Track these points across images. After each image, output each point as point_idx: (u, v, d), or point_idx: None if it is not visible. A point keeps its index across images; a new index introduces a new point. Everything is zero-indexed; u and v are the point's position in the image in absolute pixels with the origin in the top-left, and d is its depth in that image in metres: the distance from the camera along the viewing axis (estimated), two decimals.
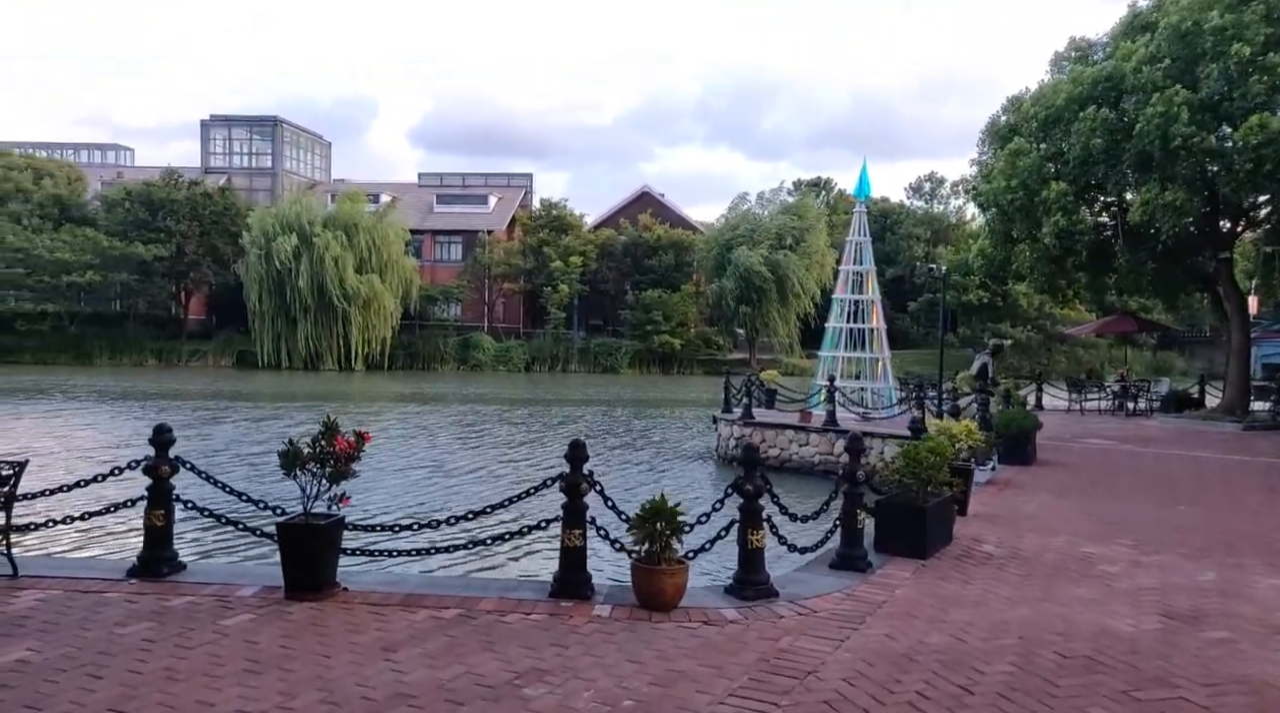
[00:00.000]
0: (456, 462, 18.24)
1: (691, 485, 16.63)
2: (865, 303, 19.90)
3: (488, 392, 38.29)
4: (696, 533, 6.23)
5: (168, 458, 6.20)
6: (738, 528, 6.22)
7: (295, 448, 5.74)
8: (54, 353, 50.03)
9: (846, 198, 72.96)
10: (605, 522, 6.34)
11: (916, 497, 7.40)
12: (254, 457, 17.62)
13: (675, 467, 18.76)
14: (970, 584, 6.56)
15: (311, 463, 5.78)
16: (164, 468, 6.14)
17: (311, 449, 5.77)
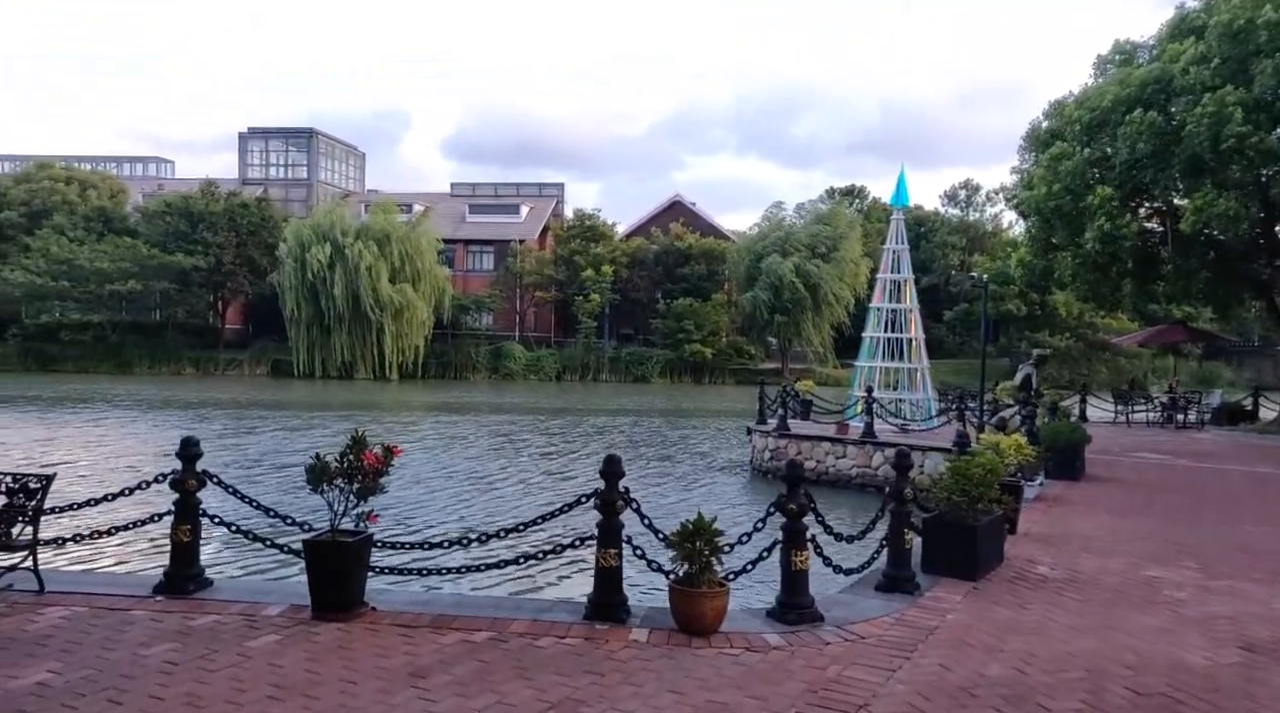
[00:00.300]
0: (493, 473, 18.08)
1: (725, 499, 16.33)
2: (903, 312, 19.47)
3: (521, 401, 38.21)
4: (736, 553, 5.97)
5: (195, 472, 6.06)
6: (780, 549, 5.94)
7: (322, 463, 5.56)
8: (95, 362, 50.81)
9: (880, 206, 72.25)
10: (641, 540, 6.10)
11: (966, 515, 7.07)
12: (292, 467, 17.58)
13: (708, 479, 18.46)
14: (1027, 609, 6.22)
15: (339, 478, 5.60)
16: (191, 482, 6.00)
17: (339, 464, 5.59)
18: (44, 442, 20.84)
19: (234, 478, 16.20)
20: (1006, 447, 8.64)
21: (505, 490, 16.06)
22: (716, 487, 17.52)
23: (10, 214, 53.69)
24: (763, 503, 16.56)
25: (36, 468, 16.69)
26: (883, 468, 17.15)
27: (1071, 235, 19.04)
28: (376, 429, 25.82)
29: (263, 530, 6.67)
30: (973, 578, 6.92)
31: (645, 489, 16.77)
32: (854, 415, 18.58)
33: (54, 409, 28.62)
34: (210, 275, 52.51)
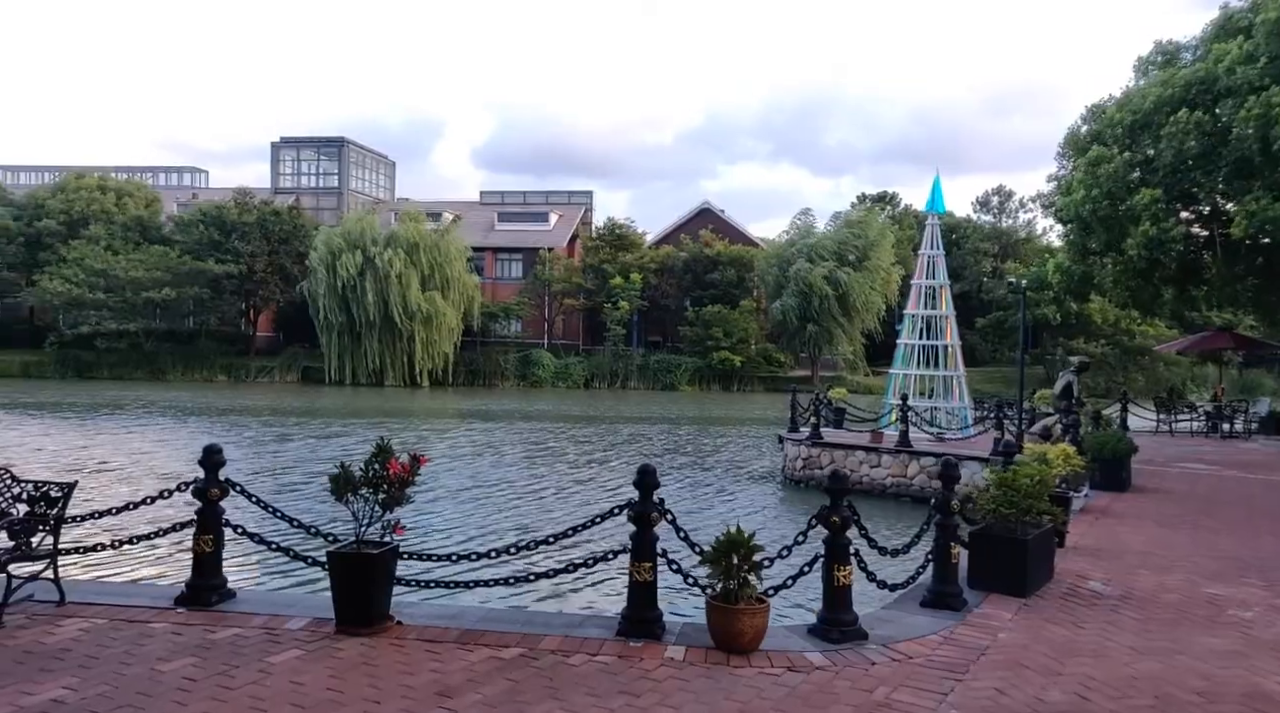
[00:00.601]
0: (526, 481, 17.89)
1: (757, 509, 16.03)
2: (939, 318, 19.11)
3: (551, 409, 38.10)
4: (776, 567, 5.71)
5: (218, 480, 5.90)
6: (822, 563, 5.67)
7: (347, 472, 5.39)
8: (130, 369, 51.47)
9: (913, 212, 71.54)
10: (677, 553, 5.86)
11: (1015, 528, 6.75)
12: (324, 475, 17.55)
13: (739, 488, 18.16)
14: (1083, 629, 5.90)
15: (364, 488, 5.42)
16: (213, 491, 5.84)
17: (364, 473, 5.41)
18: (81, 448, 20.99)
19: (266, 485, 16.42)
20: (1054, 457, 8.30)
21: (539, 500, 15.85)
22: (748, 496, 17.22)
23: (49, 223, 54.64)
24: (796, 513, 16.35)
25: (74, 475, 16.84)
26: (918, 477, 16.79)
27: (1112, 241, 18.53)
28: (409, 437, 25.86)
29: (287, 541, 6.51)
30: (1022, 594, 6.60)
31: (675, 498, 16.52)
32: (888, 424, 18.21)
33: (92, 416, 28.90)
34: (242, 283, 53.09)
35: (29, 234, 54.88)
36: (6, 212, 55.78)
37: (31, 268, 53.24)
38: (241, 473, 17.93)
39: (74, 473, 17.21)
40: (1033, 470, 6.97)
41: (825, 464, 18.14)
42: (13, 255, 54.67)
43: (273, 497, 14.97)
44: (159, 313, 52.67)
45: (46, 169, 72.51)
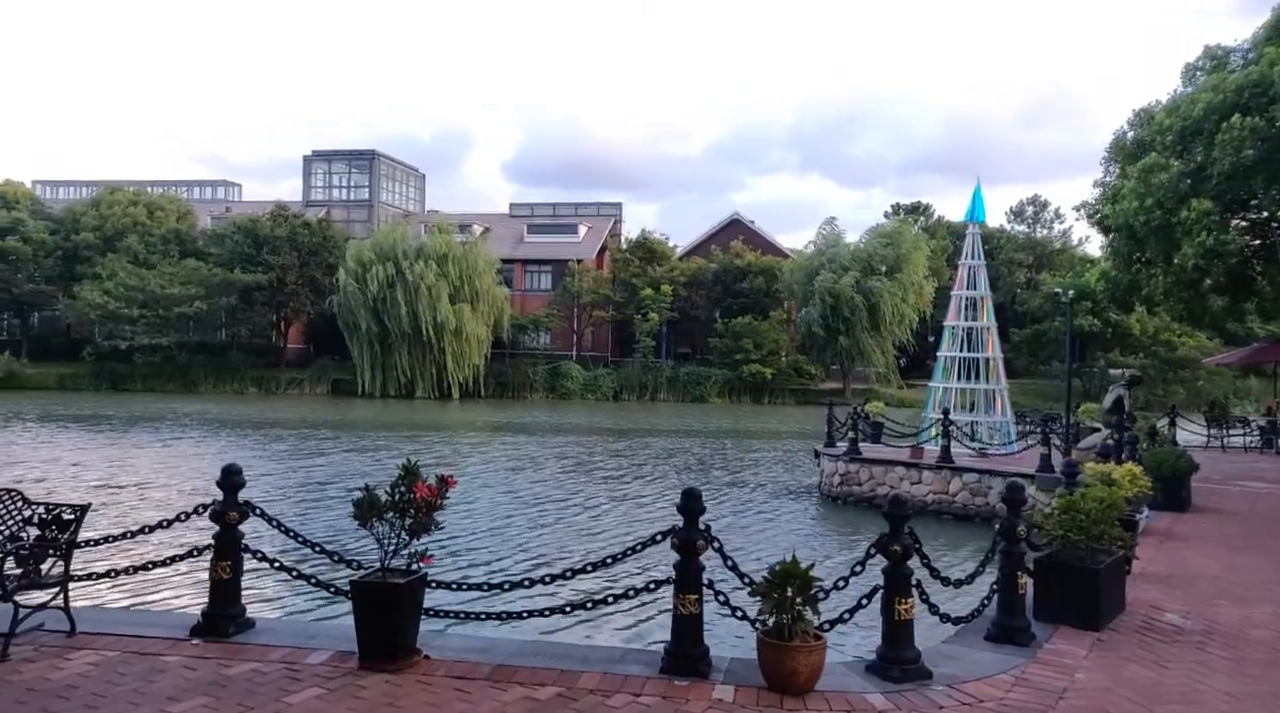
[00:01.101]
0: (564, 498, 17.48)
1: (794, 528, 15.53)
2: (979, 330, 18.55)
3: (583, 421, 37.80)
4: (831, 599, 5.29)
5: (237, 503, 5.59)
6: (882, 595, 5.24)
7: (371, 496, 5.04)
8: (163, 381, 51.89)
9: (945, 224, 70.62)
10: (723, 581, 5.46)
11: (1085, 555, 6.27)
12: (359, 492, 17.23)
13: (774, 505, 17.66)
14: (1168, 670, 5.41)
15: (390, 512, 5.07)
16: (231, 514, 5.53)
17: (390, 496, 5.07)
18: (116, 463, 20.95)
19: (299, 502, 16.15)
20: (1120, 477, 7.78)
21: (576, 518, 15.40)
22: (784, 513, 16.72)
23: (86, 237, 55.38)
24: (836, 532, 15.84)
25: (107, 491, 16.73)
26: (960, 495, 16.23)
27: (1164, 251, 17.87)
28: (444, 451, 25.63)
29: (310, 566, 6.17)
30: (1095, 628, 6.11)
31: (710, 516, 16.10)
32: (929, 439, 17.66)
33: (128, 430, 28.97)
34: (273, 295, 53.42)
35: (66, 248, 55.66)
36: (44, 226, 56.59)
37: (69, 281, 53.96)
38: (275, 488, 17.77)
39: (107, 490, 17.13)
40: (1101, 493, 6.48)
41: (864, 480, 17.64)
42: (50, 269, 55.46)
43: (305, 514, 14.75)
44: (191, 326, 53.14)
45: (85, 184, 73.65)
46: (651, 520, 15.10)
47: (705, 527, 5.26)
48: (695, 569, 5.17)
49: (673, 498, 17.55)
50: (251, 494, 17.43)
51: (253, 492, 17.39)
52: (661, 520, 14.94)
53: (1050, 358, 58.43)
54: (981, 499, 15.83)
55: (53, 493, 16.64)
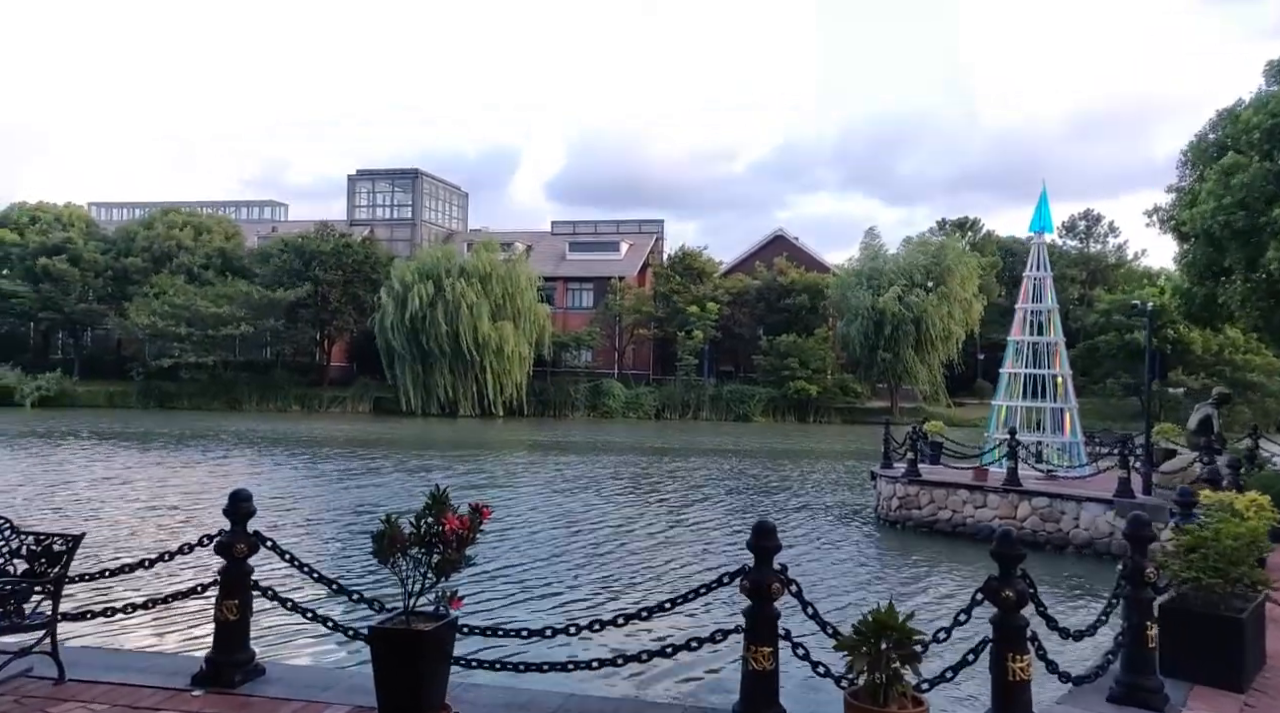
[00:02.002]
0: (624, 524, 16.59)
1: (852, 554, 14.61)
2: (1046, 345, 17.51)
3: (631, 440, 37.08)
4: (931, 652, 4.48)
5: (246, 534, 4.95)
6: (992, 650, 4.42)
7: (392, 528, 4.36)
8: (208, 399, 52.32)
9: (995, 239, 69.08)
10: (801, 633, 4.68)
11: (1222, 601, 5.38)
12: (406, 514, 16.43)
13: (830, 530, 16.73)
14: None
15: (414, 548, 4.38)
16: (240, 547, 4.89)
17: (415, 529, 4.38)
18: (167, 481, 20.70)
19: (350, 526, 15.34)
20: (1243, 507, 6.85)
21: (636, 548, 14.43)
22: (840, 540, 15.80)
23: (135, 260, 56.27)
24: (900, 562, 14.85)
25: (156, 513, 16.35)
26: (1030, 520, 15.19)
27: (1245, 257, 16.72)
28: (498, 471, 24.97)
29: (330, 606, 5.50)
30: (1238, 688, 5.22)
31: None
32: (994, 460, 16.64)
33: (180, 448, 28.85)
34: (317, 312, 53.68)
35: (117, 268, 56.60)
36: (97, 246, 57.68)
37: (120, 300, 54.78)
38: (326, 509, 17.27)
39: (155, 511, 16.78)
40: (1237, 527, 5.58)
41: (924, 504, 16.67)
42: (101, 288, 56.42)
43: (352, 539, 14.07)
44: (238, 344, 53.57)
45: (138, 206, 75.06)
46: (714, 549, 14.23)
47: (781, 567, 4.49)
48: (769, 617, 4.40)
49: (734, 523, 16.79)
50: (301, 516, 16.80)
51: (302, 513, 17.00)
52: (725, 550, 14.11)
53: (1105, 376, 56.46)
54: (1053, 525, 14.78)
55: (100, 511, 16.36)
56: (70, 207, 62.04)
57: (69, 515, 15.78)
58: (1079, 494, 14.59)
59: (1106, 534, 13.92)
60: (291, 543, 13.46)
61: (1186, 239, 18.23)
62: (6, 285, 54.74)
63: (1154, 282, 67.61)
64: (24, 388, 51.15)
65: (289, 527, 15.37)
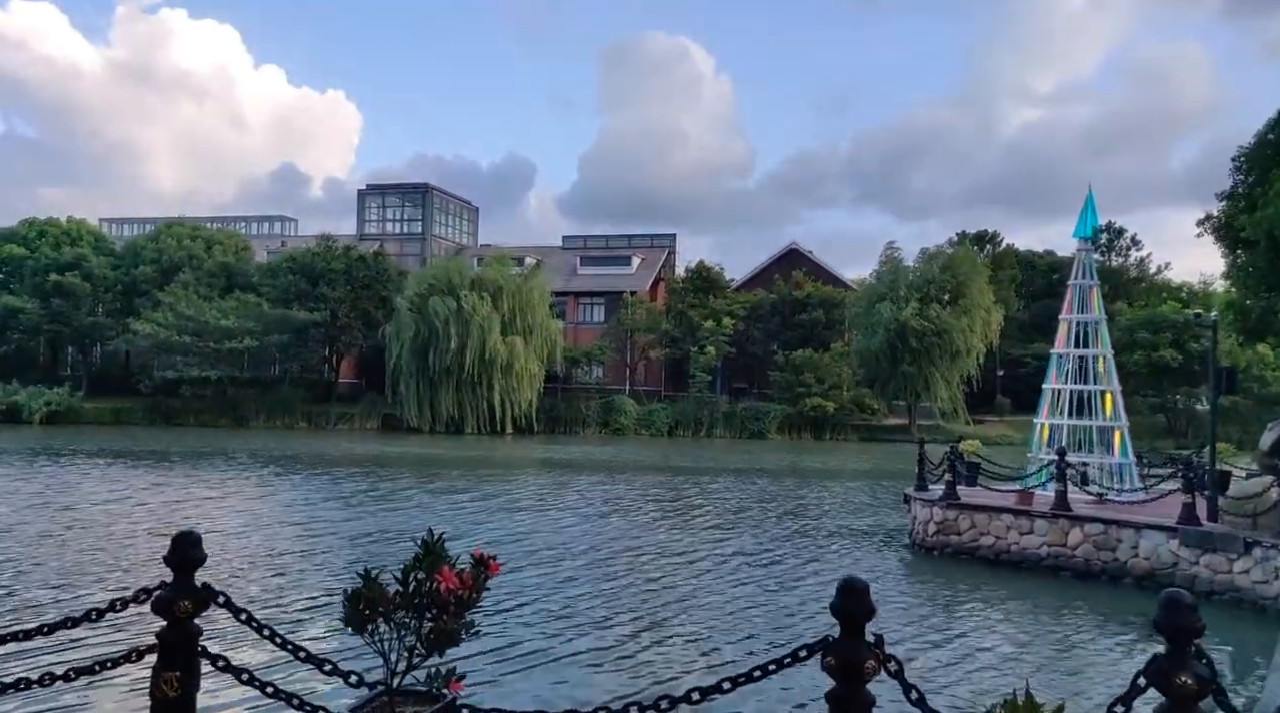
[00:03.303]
0: (660, 552, 15.40)
1: (889, 584, 13.51)
2: (1093, 359, 16.43)
3: (653, 458, 35.98)
4: None
5: (192, 587, 3.94)
6: None
7: (370, 585, 3.36)
8: (214, 415, 51.51)
9: (1014, 252, 68.01)
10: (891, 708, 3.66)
11: None
12: None
13: (862, 556, 15.67)
14: None
15: (400, 611, 3.39)
16: (183, 604, 3.87)
17: (401, 588, 3.38)
18: (177, 504, 19.79)
19: (374, 556, 13.71)
20: None
21: (675, 585, 13.06)
22: (878, 569, 14.70)
23: (144, 271, 55.79)
24: (940, 592, 13.71)
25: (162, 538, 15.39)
26: (1082, 547, 14.07)
27: None
28: (523, 492, 23.61)
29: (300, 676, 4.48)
30: None
31: (797, 574, 14.20)
32: (1039, 481, 15.54)
33: (195, 467, 27.98)
34: (326, 329, 52.92)
35: (125, 282, 56.10)
36: (106, 262, 57.28)
37: (128, 315, 54.21)
38: (340, 537, 16.15)
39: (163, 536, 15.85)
40: None
41: (964, 529, 15.57)
42: (110, 303, 55.91)
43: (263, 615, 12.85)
44: (244, 360, 52.82)
45: (148, 222, 74.72)
46: (766, 587, 13.00)
47: (875, 638, 3.46)
48: (861, 704, 3.37)
49: (782, 551, 15.46)
50: (321, 543, 15.43)
51: (321, 540, 15.63)
52: (787, 586, 12.92)
53: (1132, 393, 55.14)
54: (1108, 554, 13.66)
55: (109, 536, 15.46)
56: (78, 221, 61.69)
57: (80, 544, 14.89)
58: (1137, 520, 13.48)
59: (1170, 564, 12.80)
60: (298, 578, 12.45)
61: (1242, 247, 17.16)
62: (15, 302, 54.25)
63: (1175, 295, 66.53)
64: (31, 404, 50.60)
65: (305, 555, 14.32)
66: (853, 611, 3.43)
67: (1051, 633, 11.11)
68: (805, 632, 10.39)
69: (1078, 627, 11.52)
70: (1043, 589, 13.44)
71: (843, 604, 3.46)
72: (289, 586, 11.99)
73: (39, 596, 11.45)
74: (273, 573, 12.92)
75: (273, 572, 12.99)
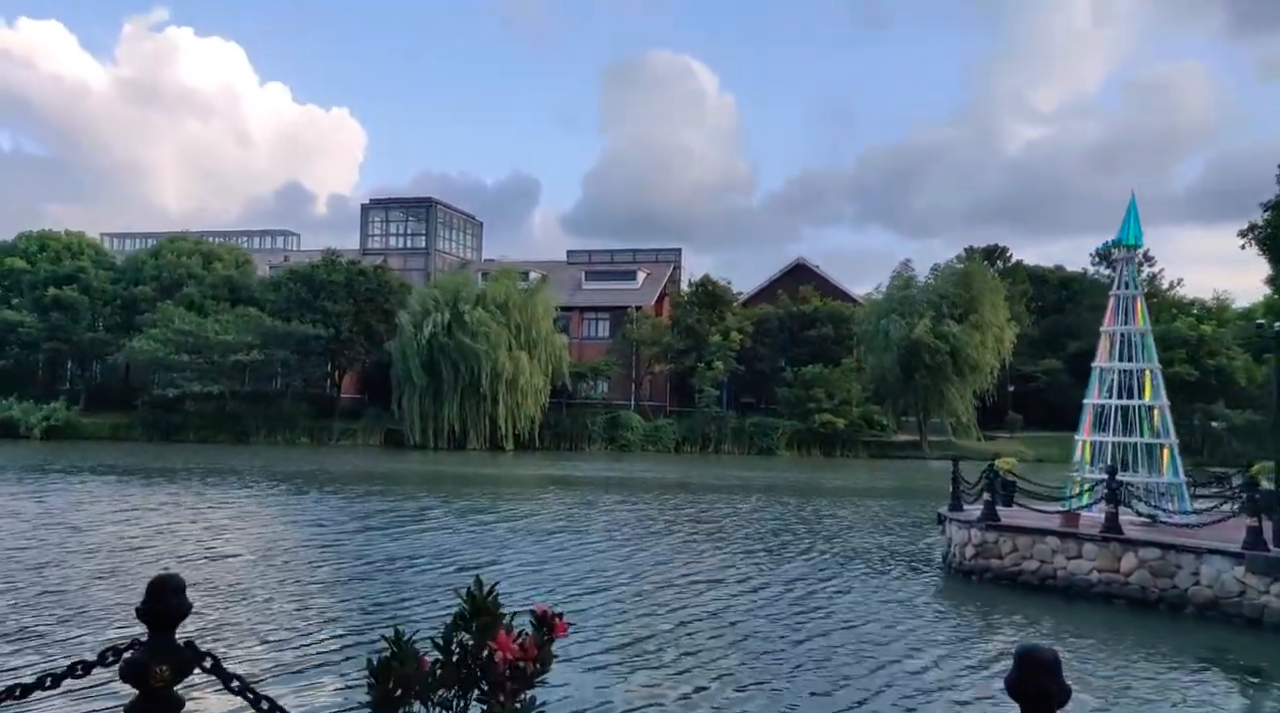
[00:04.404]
0: (714, 582, 14.22)
1: (929, 618, 12.57)
2: (1137, 373, 15.61)
3: (673, 475, 35.14)
4: None
5: (173, 647, 3.12)
6: None
7: (402, 659, 2.54)
8: (214, 431, 50.67)
9: (1025, 267, 67.29)
10: None
11: None
12: (444, 590, 12.53)
13: (893, 583, 14.75)
14: None
15: (440, 689, 2.56)
16: (160, 671, 3.05)
17: (442, 659, 2.56)
18: (185, 524, 18.97)
19: (410, 587, 12.90)
20: None
21: (745, 617, 11.85)
22: (917, 598, 13.79)
23: (144, 289, 55.10)
24: (981, 619, 12.83)
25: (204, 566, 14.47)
26: (1136, 574, 13.17)
27: None
28: (545, 515, 22.16)
29: None
30: None
31: (832, 607, 13.34)
32: (1088, 502, 14.68)
33: (208, 485, 27.16)
34: (329, 344, 52.11)
35: (125, 297, 55.42)
36: (107, 276, 56.64)
37: (128, 330, 53.46)
38: (357, 564, 15.08)
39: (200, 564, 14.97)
40: None
41: (1005, 553, 14.70)
42: (109, 317, 55.18)
43: (394, 606, 11.74)
44: (246, 375, 52.00)
45: (149, 236, 74.16)
46: (842, 621, 11.98)
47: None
48: None
49: (848, 578, 14.27)
50: (342, 572, 13.60)
51: (351, 567, 14.51)
52: (850, 623, 11.92)
53: None
54: (1166, 581, 12.77)
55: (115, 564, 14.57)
56: (77, 234, 61.06)
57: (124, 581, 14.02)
58: (1198, 545, 12.60)
59: (1236, 593, 11.92)
60: (321, 617, 11.23)
61: None
62: (14, 316, 53.54)
63: (1186, 311, 65.69)
64: (30, 419, 49.78)
65: (327, 588, 13.32)
66: (1040, 691, 2.60)
67: (1106, 667, 10.27)
68: (896, 676, 9.44)
69: (1134, 660, 10.67)
70: (1094, 619, 12.57)
71: (1021, 680, 2.63)
72: (312, 627, 10.77)
73: (44, 632, 10.51)
74: (293, 606, 11.77)
75: (293, 605, 11.86)
